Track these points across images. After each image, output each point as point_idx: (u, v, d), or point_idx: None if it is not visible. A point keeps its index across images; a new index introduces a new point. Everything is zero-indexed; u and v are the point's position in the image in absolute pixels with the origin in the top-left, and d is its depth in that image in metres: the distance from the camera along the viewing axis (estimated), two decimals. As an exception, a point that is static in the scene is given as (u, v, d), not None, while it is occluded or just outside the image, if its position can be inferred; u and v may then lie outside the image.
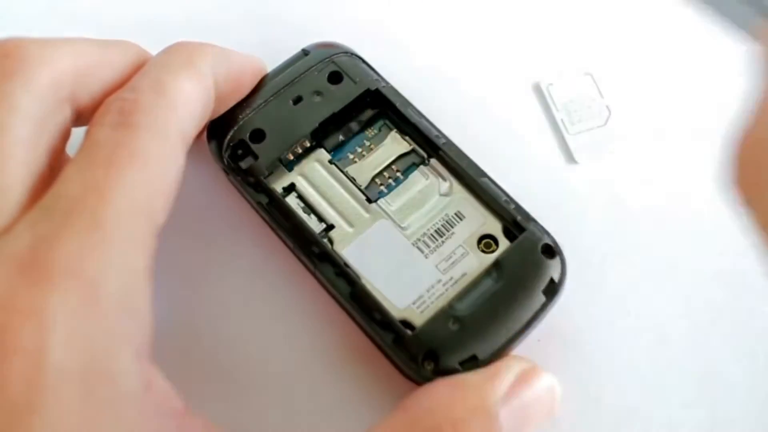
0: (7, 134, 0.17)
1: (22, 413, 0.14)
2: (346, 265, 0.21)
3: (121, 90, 0.19)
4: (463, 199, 0.22)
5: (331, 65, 0.24)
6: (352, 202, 0.22)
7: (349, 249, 0.21)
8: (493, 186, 0.22)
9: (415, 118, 0.23)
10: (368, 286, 0.21)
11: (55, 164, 0.18)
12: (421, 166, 0.23)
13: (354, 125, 0.24)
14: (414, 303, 0.21)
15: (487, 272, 0.21)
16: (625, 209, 0.24)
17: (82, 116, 0.19)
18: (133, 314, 0.16)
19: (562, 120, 0.26)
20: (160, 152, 0.18)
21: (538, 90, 0.26)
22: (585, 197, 0.24)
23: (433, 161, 0.23)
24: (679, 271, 0.23)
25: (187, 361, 0.21)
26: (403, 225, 0.22)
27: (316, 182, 0.23)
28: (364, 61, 0.24)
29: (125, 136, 0.17)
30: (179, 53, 0.20)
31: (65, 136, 0.19)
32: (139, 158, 0.17)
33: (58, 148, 0.18)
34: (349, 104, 0.23)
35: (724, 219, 0.23)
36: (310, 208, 0.22)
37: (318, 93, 0.23)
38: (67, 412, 0.14)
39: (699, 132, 0.25)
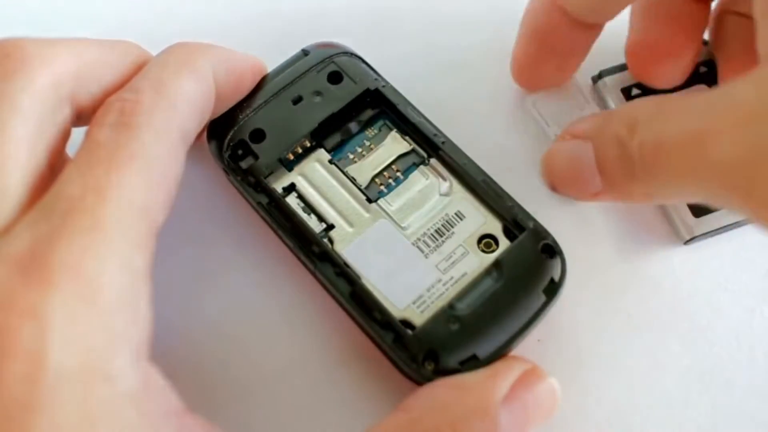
0: (7, 134, 0.17)
1: (22, 413, 0.14)
2: (346, 264, 0.21)
3: (122, 90, 0.19)
4: (463, 199, 0.22)
5: (331, 65, 0.24)
6: (352, 202, 0.22)
7: (349, 249, 0.21)
8: (493, 185, 0.22)
9: (415, 118, 0.23)
10: (368, 286, 0.21)
11: (55, 164, 0.18)
12: (421, 166, 0.23)
13: (354, 125, 0.23)
14: (414, 303, 0.21)
15: (487, 272, 0.21)
16: (624, 209, 0.24)
17: (82, 116, 0.19)
18: (132, 314, 0.16)
19: (556, 135, 0.24)
20: (161, 153, 0.18)
21: (525, 108, 0.25)
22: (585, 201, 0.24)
23: (433, 161, 0.23)
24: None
25: (186, 360, 0.21)
26: (403, 225, 0.22)
27: (316, 182, 0.23)
28: (364, 61, 0.24)
29: (126, 136, 0.17)
30: (180, 53, 0.20)
31: (65, 136, 0.19)
32: (139, 159, 0.17)
33: (58, 148, 0.18)
34: (349, 104, 0.23)
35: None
36: (310, 208, 0.22)
37: (318, 93, 0.23)
38: (67, 411, 0.14)
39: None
